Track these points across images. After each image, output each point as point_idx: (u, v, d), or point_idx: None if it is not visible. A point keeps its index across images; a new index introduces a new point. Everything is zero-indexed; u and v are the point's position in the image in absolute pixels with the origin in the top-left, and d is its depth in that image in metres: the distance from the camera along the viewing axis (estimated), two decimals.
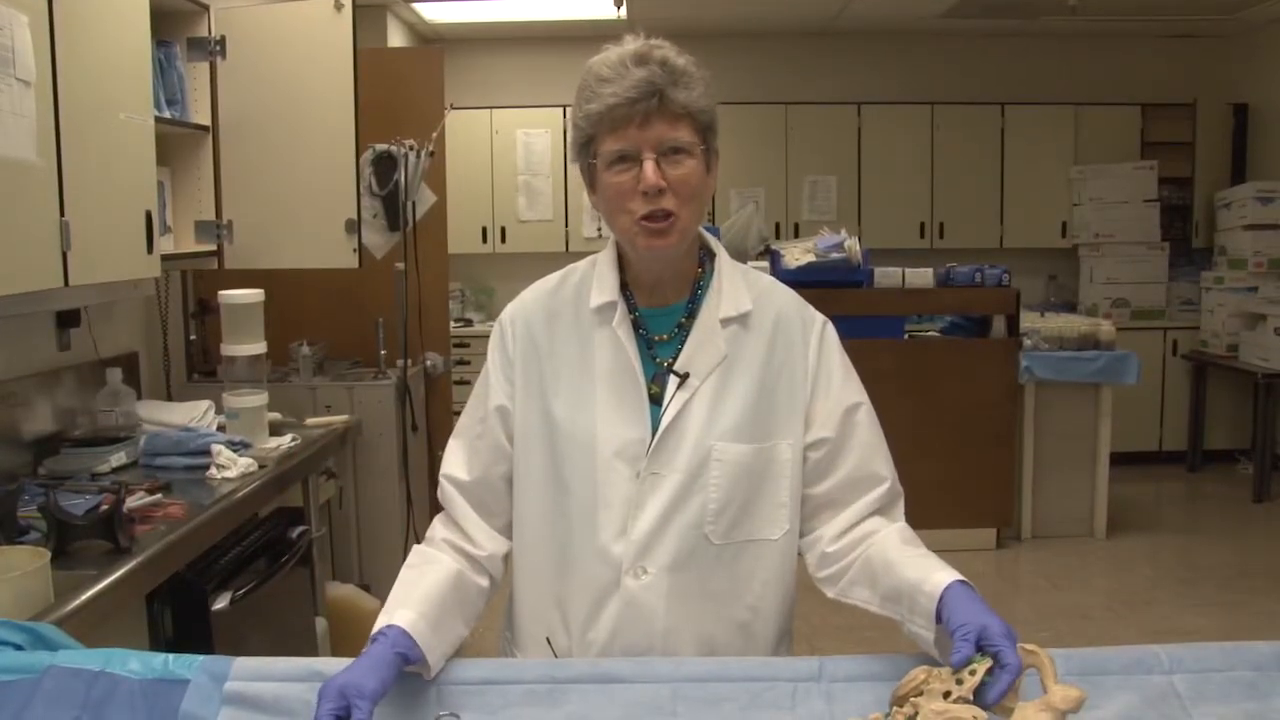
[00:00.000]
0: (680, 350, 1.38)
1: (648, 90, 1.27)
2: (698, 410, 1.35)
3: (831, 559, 1.38)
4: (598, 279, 1.42)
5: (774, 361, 1.39)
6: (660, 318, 1.41)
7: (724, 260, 1.44)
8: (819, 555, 1.39)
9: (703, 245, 1.45)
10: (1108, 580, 4.71)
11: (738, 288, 1.41)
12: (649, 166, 1.28)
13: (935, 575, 1.22)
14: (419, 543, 1.44)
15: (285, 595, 2.62)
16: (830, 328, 1.45)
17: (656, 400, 1.37)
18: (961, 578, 1.21)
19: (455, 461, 1.44)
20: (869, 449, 1.40)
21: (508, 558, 1.43)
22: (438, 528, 1.44)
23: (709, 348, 1.37)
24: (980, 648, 1.11)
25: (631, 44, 1.31)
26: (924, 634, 1.22)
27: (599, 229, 6.52)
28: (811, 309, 1.46)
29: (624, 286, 1.41)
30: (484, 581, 1.40)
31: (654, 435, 1.35)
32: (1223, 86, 6.79)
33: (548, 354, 1.41)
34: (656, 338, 1.40)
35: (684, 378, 1.36)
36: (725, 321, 1.39)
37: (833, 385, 1.41)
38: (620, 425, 1.36)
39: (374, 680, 1.14)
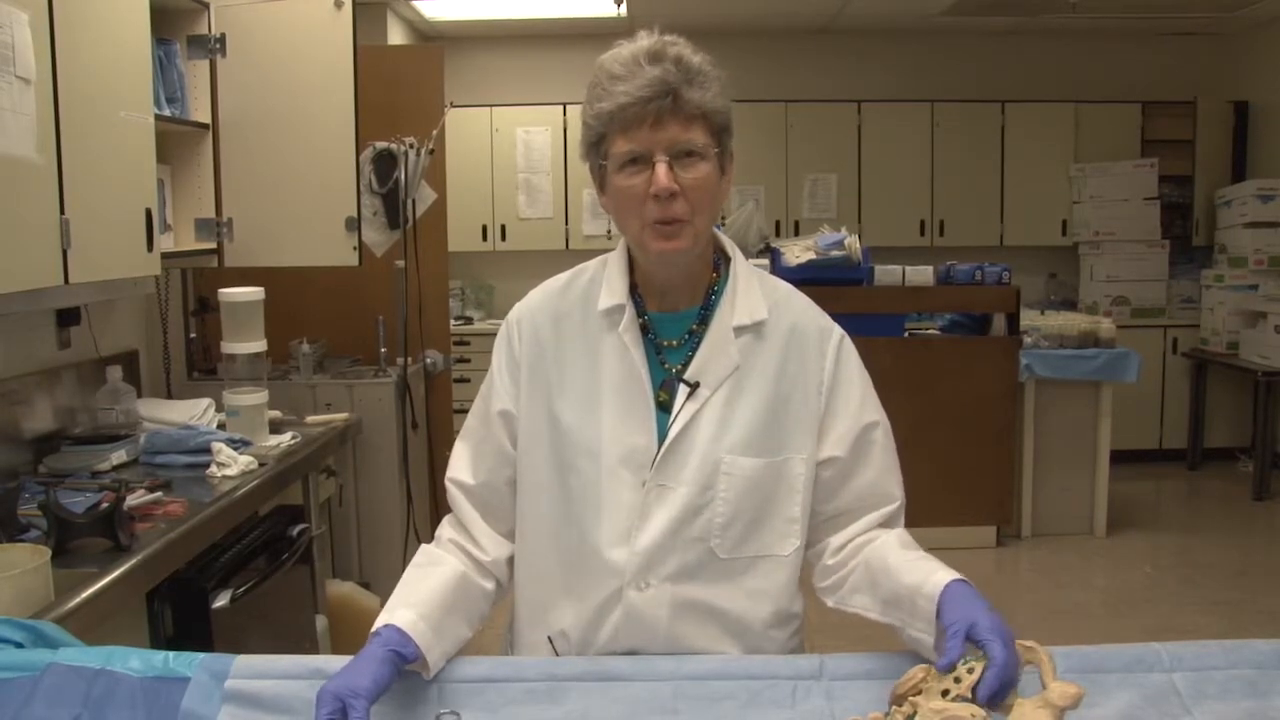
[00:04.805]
0: (691, 357, 1.35)
1: (661, 89, 1.23)
2: (707, 421, 1.32)
3: (832, 570, 1.37)
4: (607, 281, 1.38)
5: (788, 373, 1.35)
6: (671, 323, 1.37)
7: (740, 265, 1.40)
8: (821, 568, 1.38)
9: (718, 249, 1.41)
10: (1108, 578, 4.71)
11: (753, 295, 1.37)
12: (661, 169, 1.25)
13: (934, 576, 1.21)
14: (419, 540, 1.44)
15: (285, 593, 2.62)
16: (848, 341, 1.40)
17: (665, 407, 1.33)
18: (961, 577, 1.20)
19: (460, 465, 1.42)
20: (883, 470, 1.38)
21: (513, 562, 1.42)
22: (446, 528, 1.43)
23: (721, 357, 1.34)
24: (971, 641, 1.11)
25: (645, 40, 1.27)
26: (924, 638, 1.20)
27: (608, 230, 6.51)
28: (829, 319, 1.41)
29: (634, 289, 1.38)
30: (489, 585, 1.39)
31: (660, 444, 1.32)
32: (1223, 84, 6.78)
33: (554, 356, 1.38)
34: (666, 343, 1.36)
35: (694, 387, 1.32)
36: (739, 330, 1.35)
37: (851, 403, 1.37)
38: (625, 432, 1.33)
39: (367, 679, 1.14)
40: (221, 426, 2.80)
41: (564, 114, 6.60)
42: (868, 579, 1.31)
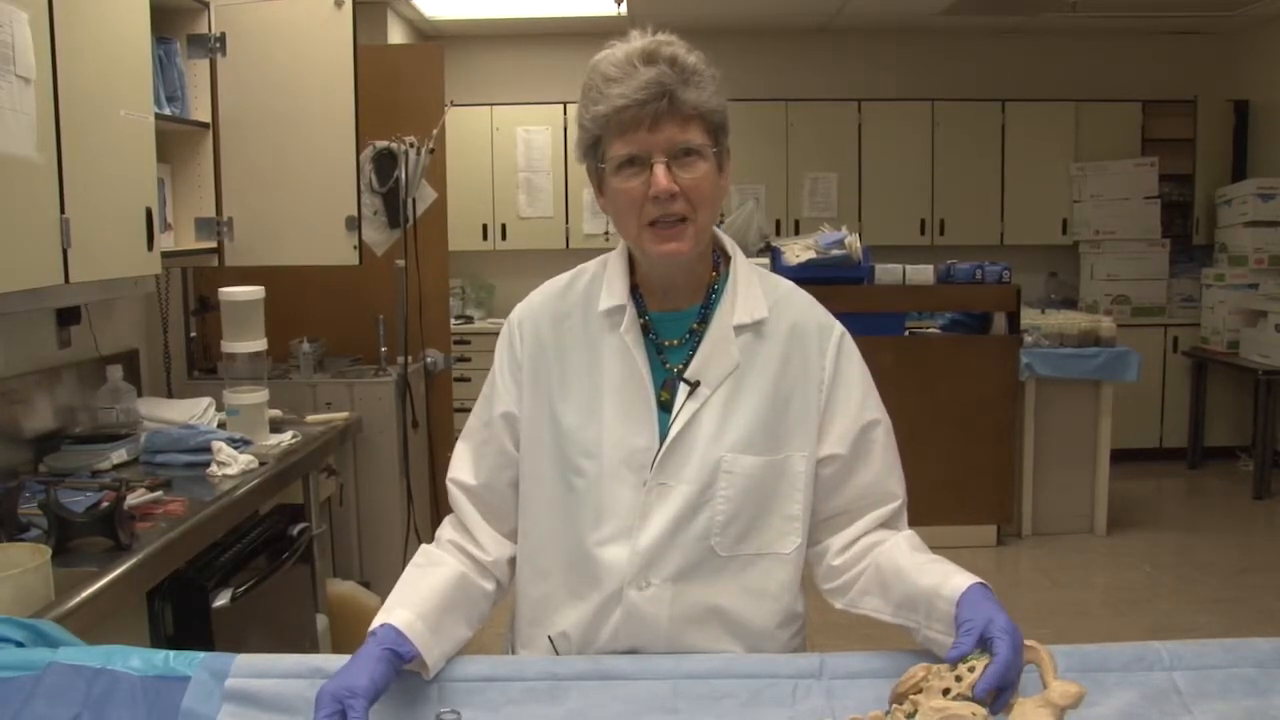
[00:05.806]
0: (692, 356, 1.35)
1: (657, 91, 1.23)
2: (708, 420, 1.32)
3: (839, 571, 1.36)
4: (608, 281, 1.38)
5: (788, 371, 1.35)
6: (671, 322, 1.37)
7: (740, 263, 1.40)
8: (825, 568, 1.38)
9: (718, 247, 1.40)
10: (1108, 577, 4.71)
11: (754, 293, 1.37)
12: (660, 170, 1.24)
13: (953, 579, 1.20)
14: (419, 539, 1.44)
15: (286, 592, 2.62)
16: (848, 338, 1.40)
17: (666, 407, 1.33)
18: (980, 580, 1.20)
19: (462, 466, 1.42)
20: (884, 468, 1.37)
21: (514, 562, 1.42)
22: (446, 529, 1.43)
23: (721, 355, 1.33)
24: (981, 639, 1.11)
25: (638, 40, 1.27)
26: (941, 639, 1.19)
27: (607, 230, 6.51)
28: (830, 317, 1.41)
29: (634, 289, 1.38)
30: (489, 585, 1.39)
31: (661, 444, 1.32)
32: (1223, 83, 6.77)
33: (556, 357, 1.37)
34: (667, 343, 1.36)
35: (695, 386, 1.32)
36: (739, 329, 1.34)
37: (851, 401, 1.36)
38: (627, 433, 1.33)
39: (364, 678, 1.14)
40: (222, 426, 2.80)
41: (564, 113, 6.60)
42: (879, 581, 1.31)
